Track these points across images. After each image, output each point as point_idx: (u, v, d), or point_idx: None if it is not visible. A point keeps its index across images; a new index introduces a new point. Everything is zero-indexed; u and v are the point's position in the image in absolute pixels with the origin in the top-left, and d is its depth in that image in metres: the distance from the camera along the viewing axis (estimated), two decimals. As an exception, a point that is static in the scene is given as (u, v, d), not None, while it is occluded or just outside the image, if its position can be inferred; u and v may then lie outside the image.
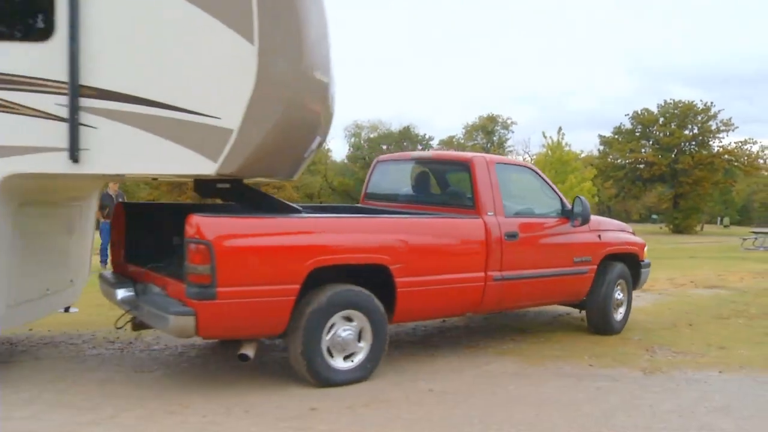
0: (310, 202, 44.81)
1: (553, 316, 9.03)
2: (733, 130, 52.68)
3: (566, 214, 7.37)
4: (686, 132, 53.37)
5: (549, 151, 33.62)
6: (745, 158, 53.41)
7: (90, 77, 4.90)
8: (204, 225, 4.88)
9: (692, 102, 53.31)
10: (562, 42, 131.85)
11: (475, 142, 72.81)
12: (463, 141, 73.01)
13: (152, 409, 4.83)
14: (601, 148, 58.20)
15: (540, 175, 7.63)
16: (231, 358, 6.33)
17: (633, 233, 8.63)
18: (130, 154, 5.02)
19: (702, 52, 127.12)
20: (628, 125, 55.83)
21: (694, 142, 53.41)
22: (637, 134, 55.56)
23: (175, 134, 4.99)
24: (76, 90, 4.87)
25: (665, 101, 55.05)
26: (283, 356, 6.49)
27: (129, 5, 4.98)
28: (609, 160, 56.16)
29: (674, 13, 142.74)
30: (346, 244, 5.52)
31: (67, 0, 4.80)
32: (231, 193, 5.97)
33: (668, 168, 52.13)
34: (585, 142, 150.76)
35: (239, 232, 5.06)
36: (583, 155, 44.50)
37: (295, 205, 6.35)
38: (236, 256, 4.95)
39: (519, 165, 8.03)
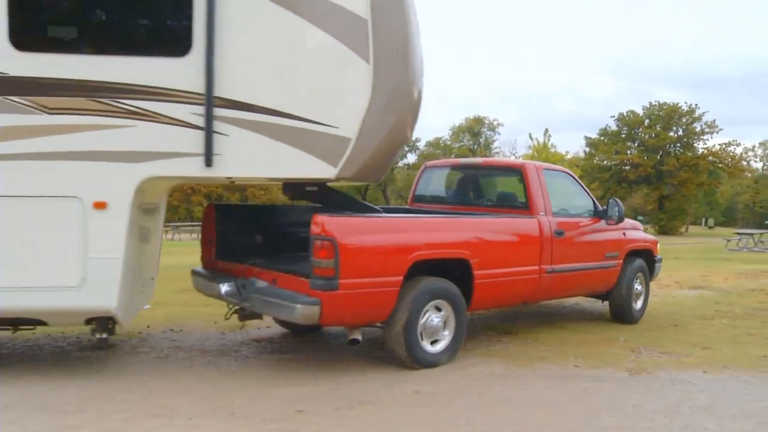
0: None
1: (540, 317, 9.06)
2: (717, 132, 53.15)
3: (598, 214, 8.28)
4: (671, 134, 53.75)
5: (535, 153, 33.78)
6: (729, 160, 53.87)
7: (223, 89, 5.45)
8: (328, 223, 5.48)
9: (677, 104, 53.72)
10: (545, 43, 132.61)
11: (462, 143, 72.95)
12: (449, 143, 73.14)
13: (136, 412, 4.80)
14: (587, 149, 58.50)
15: (575, 179, 8.60)
16: (214, 361, 6.32)
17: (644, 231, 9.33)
18: (258, 159, 5.62)
19: (684, 54, 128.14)
20: (613, 127, 56.16)
21: (679, 144, 53.80)
22: (623, 136, 55.89)
23: (299, 141, 5.60)
24: (211, 101, 5.43)
25: (650, 103, 55.50)
26: (271, 357, 6.49)
27: (258, 25, 5.55)
28: (595, 161, 56.47)
29: (656, 15, 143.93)
30: (439, 240, 6.31)
31: (203, 19, 5.35)
32: (318, 195, 6.57)
33: (654, 169, 52.48)
34: (569, 144, 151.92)
35: (357, 229, 5.75)
36: (569, 156, 44.75)
37: (374, 206, 7.11)
38: (355, 252, 5.57)
39: (558, 170, 8.68)
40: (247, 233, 7.10)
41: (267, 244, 7.08)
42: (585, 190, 8.53)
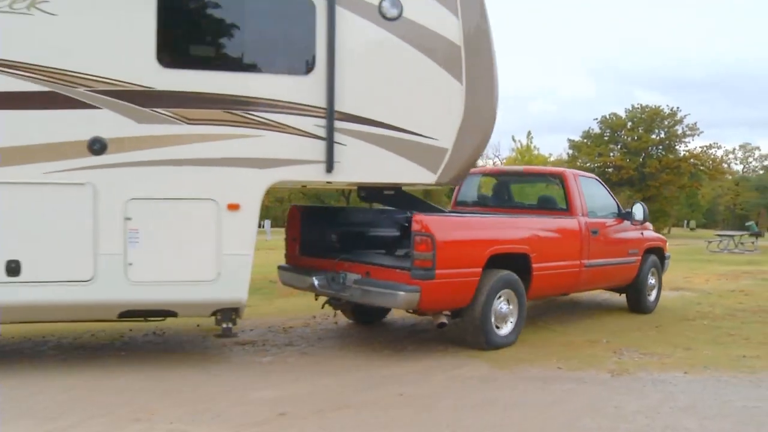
0: (280, 206, 44.60)
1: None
2: (698, 135, 53.59)
3: (621, 215, 9.34)
4: (653, 136, 54.13)
5: (518, 155, 33.92)
6: (710, 162, 54.33)
7: (342, 104, 6.27)
8: (428, 222, 6.39)
9: (659, 107, 54.12)
10: (525, 46, 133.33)
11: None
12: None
13: (118, 417, 4.76)
14: (570, 152, 58.80)
15: (602, 184, 9.65)
16: (196, 364, 6.28)
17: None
18: (370, 166, 6.47)
19: (664, 57, 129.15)
20: (596, 129, 56.48)
21: (660, 147, 54.19)
22: (606, 138, 56.20)
23: (405, 151, 6.50)
24: (332, 114, 6.23)
25: (633, 106, 55.83)
26: (253, 360, 6.46)
27: (371, 49, 6.42)
28: (578, 164, 56.74)
29: (634, 18, 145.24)
30: (508, 237, 7.32)
31: (324, 43, 6.18)
32: (393, 198, 7.53)
33: (636, 172, 52.84)
34: (552, 146, 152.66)
35: (450, 227, 6.72)
36: (552, 159, 44.96)
37: (440, 207, 8.12)
38: (448, 246, 6.45)
39: (589, 176, 9.61)
40: (326, 232, 7.90)
41: (343, 241, 7.88)
42: (610, 194, 9.61)
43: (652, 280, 10.01)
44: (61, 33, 5.72)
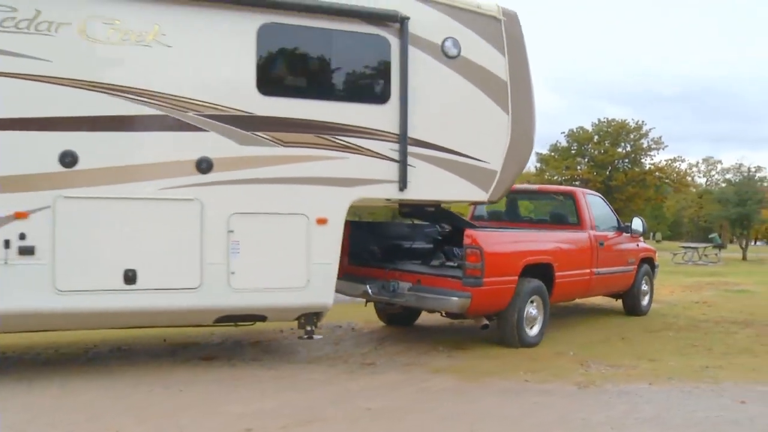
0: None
1: (491, 330, 9.12)
2: (663, 149, 54.44)
3: (621, 228, 10.45)
4: (619, 150, 54.86)
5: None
6: (675, 175, 55.21)
7: (412, 131, 7.10)
8: (477, 236, 7.43)
9: (625, 120, 54.92)
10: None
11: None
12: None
13: (79, 435, 4.68)
14: (538, 165, 59.34)
15: (605, 201, 10.81)
16: (161, 379, 6.19)
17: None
18: (435, 185, 7.35)
19: (627, 70, 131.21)
20: (564, 143, 57.09)
21: (627, 160, 54.93)
22: (573, 152, 56.83)
23: (463, 172, 7.44)
24: (405, 139, 7.06)
25: (599, 120, 56.55)
26: (218, 374, 6.38)
27: (436, 83, 7.31)
28: (546, 177, 57.27)
29: (597, 33, 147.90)
30: (538, 248, 8.44)
31: (398, 76, 7.05)
32: (433, 214, 8.64)
33: (603, 185, 53.45)
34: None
35: (494, 240, 7.85)
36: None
37: (471, 222, 9.12)
38: (493, 257, 7.43)
39: (594, 194, 10.68)
40: (372, 244, 8.73)
41: (385, 252, 8.69)
42: (611, 209, 10.76)
43: (645, 287, 11.13)
44: (174, 63, 6.30)
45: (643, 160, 55.04)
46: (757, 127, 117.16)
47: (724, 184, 54.47)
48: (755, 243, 60.88)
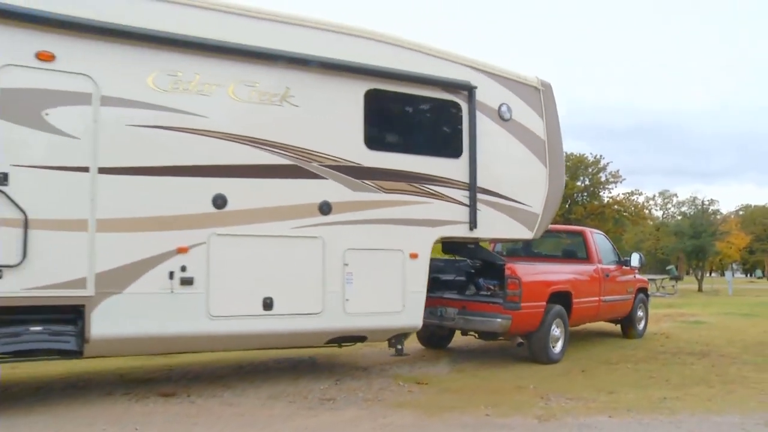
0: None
1: (451, 366, 9.12)
2: (621, 182, 55.63)
3: (621, 262, 12.07)
4: (578, 183, 55.88)
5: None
6: (632, 208, 56.38)
7: (479, 180, 8.58)
8: (516, 268, 9.00)
9: (583, 155, 56.07)
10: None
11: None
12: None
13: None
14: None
15: (607, 238, 12.48)
16: (116, 418, 6.00)
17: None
18: (495, 225, 8.83)
19: (582, 104, 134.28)
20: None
21: (585, 193, 55.96)
22: (534, 185, 57.52)
23: (515, 215, 9.02)
24: (474, 187, 8.53)
25: (559, 154, 57.50)
26: (178, 411, 6.23)
27: (496, 143, 8.86)
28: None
29: (551, 64, 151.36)
30: (561, 279, 10.03)
31: (468, 137, 8.55)
32: (471, 250, 9.68)
33: (562, 218, 54.31)
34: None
35: (528, 271, 9.35)
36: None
37: (500, 257, 10.27)
38: (529, 285, 8.97)
39: (598, 232, 12.34)
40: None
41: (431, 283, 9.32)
42: (612, 245, 12.40)
43: (641, 313, 12.74)
44: (300, 120, 7.46)
45: (601, 194, 56.14)
46: (709, 161, 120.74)
47: (679, 217, 55.70)
48: (710, 274, 62.11)
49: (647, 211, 63.58)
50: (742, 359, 10.14)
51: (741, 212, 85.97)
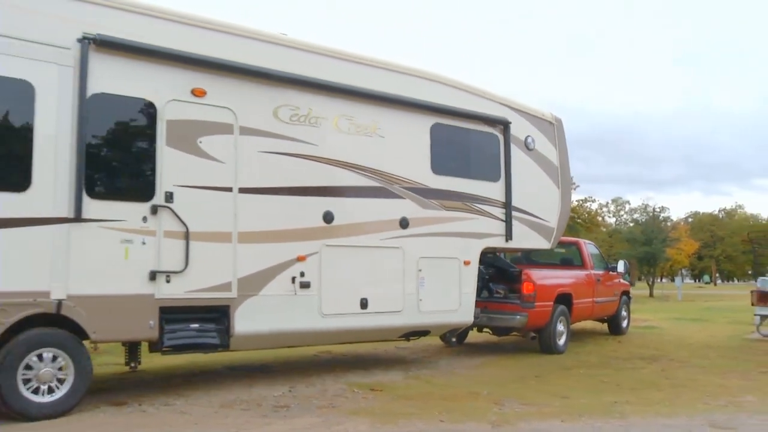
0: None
1: (407, 372, 9.12)
2: (574, 189, 56.35)
3: (609, 268, 13.99)
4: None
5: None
6: (586, 215, 57.18)
7: (513, 200, 10.30)
8: (530, 273, 11.04)
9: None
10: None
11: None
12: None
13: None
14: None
15: (596, 247, 14.74)
16: (65, 429, 5.84)
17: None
18: (523, 237, 10.50)
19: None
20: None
21: (540, 201, 56.48)
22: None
23: (537, 229, 10.77)
24: (510, 206, 10.25)
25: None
26: (130, 421, 6.09)
27: (523, 168, 10.57)
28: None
29: (505, 72, 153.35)
30: (564, 282, 11.98)
31: (503, 164, 10.29)
32: (488, 258, 10.99)
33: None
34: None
35: (541, 276, 11.36)
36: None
37: (511, 264, 12.04)
38: (541, 287, 11.02)
39: (590, 243, 14.48)
40: None
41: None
42: (600, 253, 14.67)
43: (624, 312, 14.74)
44: (386, 149, 8.87)
45: (556, 201, 56.65)
46: (660, 169, 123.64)
47: (632, 224, 56.78)
48: (661, 280, 63.37)
49: (600, 218, 64.70)
50: (690, 363, 10.44)
51: (690, 219, 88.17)
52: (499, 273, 11.42)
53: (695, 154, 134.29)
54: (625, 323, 14.77)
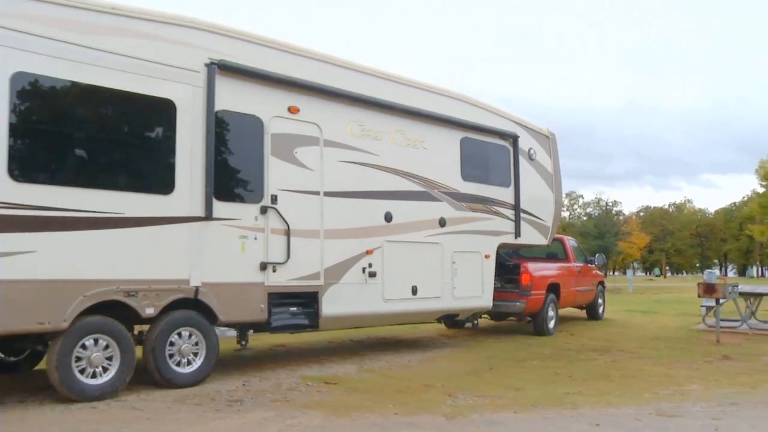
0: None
1: (360, 366, 9.11)
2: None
3: (588, 261, 16.13)
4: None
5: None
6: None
7: (520, 203, 12.04)
8: (527, 265, 12.95)
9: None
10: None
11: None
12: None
13: None
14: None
15: (577, 243, 17.18)
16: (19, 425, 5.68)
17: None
18: (528, 235, 12.26)
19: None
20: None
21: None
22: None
23: (537, 227, 12.56)
24: (518, 208, 11.99)
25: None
26: (79, 417, 5.96)
27: (527, 175, 12.28)
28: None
29: (464, 68, 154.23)
30: (553, 273, 13.98)
31: (512, 173, 12.01)
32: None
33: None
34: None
35: (536, 268, 13.21)
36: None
37: (507, 258, 13.70)
38: (536, 278, 12.96)
39: (571, 239, 16.90)
40: None
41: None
42: (580, 248, 16.99)
43: (600, 300, 16.85)
44: (428, 159, 10.40)
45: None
46: (611, 164, 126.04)
47: (585, 218, 57.70)
48: (613, 273, 64.59)
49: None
50: (639, 354, 10.65)
51: (642, 213, 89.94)
52: (497, 266, 12.53)
53: (646, 149, 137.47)
54: (601, 309, 16.84)
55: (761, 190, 48.23)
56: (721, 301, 12.35)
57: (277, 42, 8.58)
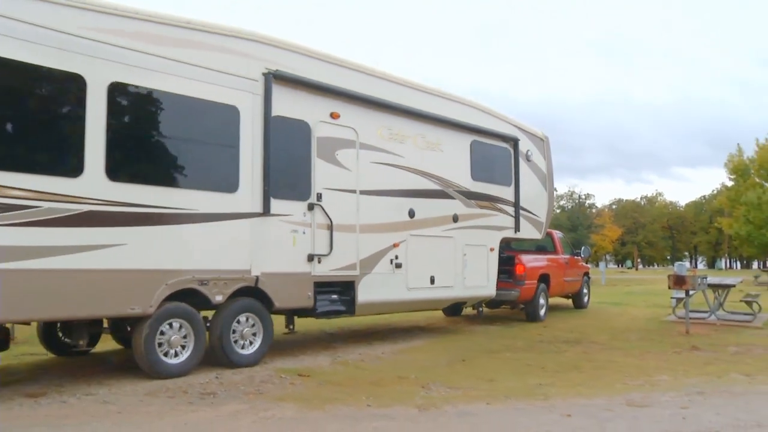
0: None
1: (333, 358, 9.10)
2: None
3: (574, 253, 17.22)
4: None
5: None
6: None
7: (520, 201, 13.15)
8: (521, 257, 14.05)
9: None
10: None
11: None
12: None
13: None
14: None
15: (564, 236, 17.86)
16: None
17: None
18: (525, 229, 13.38)
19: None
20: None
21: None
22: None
23: (533, 223, 13.72)
24: (518, 205, 13.10)
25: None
26: (48, 412, 5.89)
27: (525, 175, 13.37)
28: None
29: (433, 61, 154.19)
30: (544, 264, 15.14)
31: (513, 172, 13.12)
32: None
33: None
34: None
35: (528, 260, 14.38)
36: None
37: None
38: (529, 269, 14.09)
39: (559, 232, 17.48)
40: None
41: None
42: (567, 241, 18.01)
43: (585, 290, 17.84)
44: (444, 161, 11.37)
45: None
46: (584, 157, 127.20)
47: (558, 211, 58.14)
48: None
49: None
50: (610, 345, 10.76)
51: (614, 206, 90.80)
52: None
53: (617, 142, 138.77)
54: (586, 299, 17.89)
55: (730, 183, 48.88)
56: (691, 292, 12.51)
57: (322, 53, 9.41)
